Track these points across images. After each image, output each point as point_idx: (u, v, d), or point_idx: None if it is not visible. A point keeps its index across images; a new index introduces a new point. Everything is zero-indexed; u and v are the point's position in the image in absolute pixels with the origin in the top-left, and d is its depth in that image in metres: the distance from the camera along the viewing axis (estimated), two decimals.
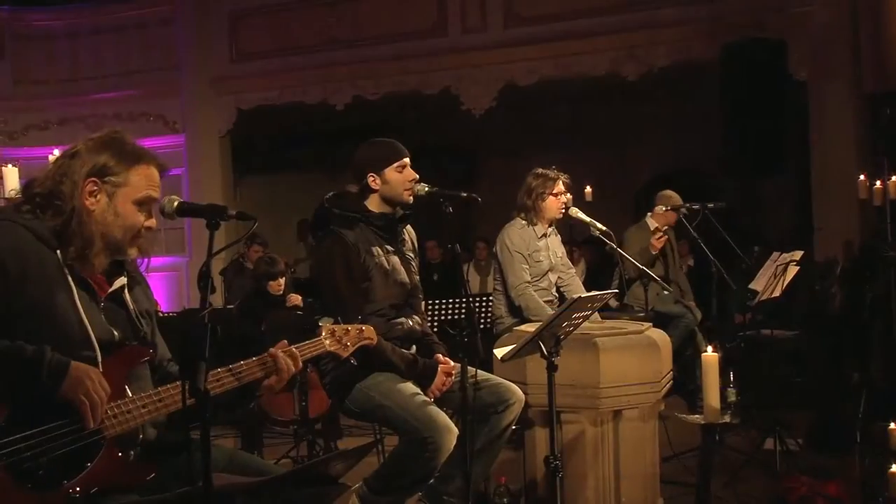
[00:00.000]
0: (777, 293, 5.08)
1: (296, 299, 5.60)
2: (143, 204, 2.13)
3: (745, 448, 4.78)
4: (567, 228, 6.74)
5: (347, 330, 2.47)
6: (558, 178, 4.67)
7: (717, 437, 4.37)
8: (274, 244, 8.36)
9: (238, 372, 2.15)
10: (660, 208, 5.99)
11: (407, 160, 3.23)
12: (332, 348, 2.42)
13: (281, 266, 5.64)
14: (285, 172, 11.60)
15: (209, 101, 9.61)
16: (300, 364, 2.26)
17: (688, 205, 5.59)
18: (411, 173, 3.22)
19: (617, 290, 5.48)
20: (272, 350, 2.22)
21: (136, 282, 2.24)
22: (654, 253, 5.88)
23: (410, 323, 3.26)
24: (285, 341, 2.29)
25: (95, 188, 2.09)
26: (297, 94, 9.35)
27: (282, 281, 5.57)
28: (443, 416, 2.99)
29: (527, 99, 9.33)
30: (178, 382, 2.00)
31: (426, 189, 3.18)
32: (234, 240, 5.12)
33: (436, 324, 5.50)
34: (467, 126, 9.62)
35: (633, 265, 5.10)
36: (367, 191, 3.23)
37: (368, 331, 2.54)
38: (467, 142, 11.48)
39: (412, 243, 3.43)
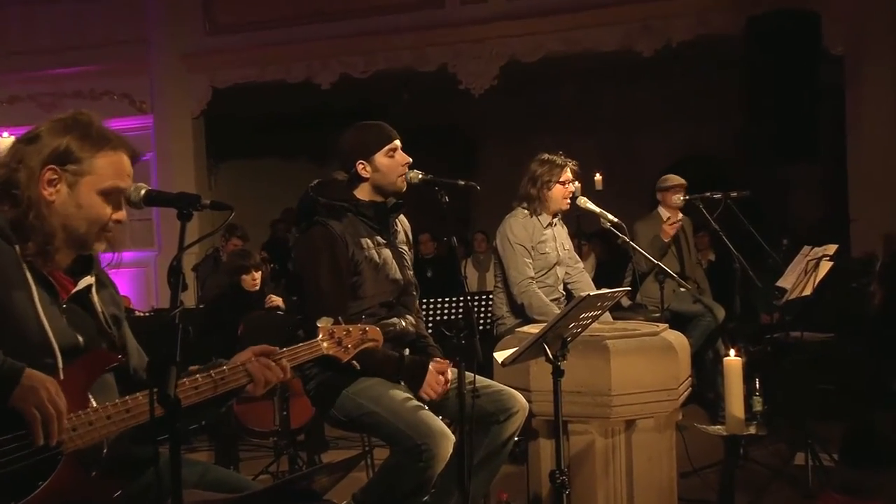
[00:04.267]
0: (808, 291, 5.09)
1: (276, 300, 5.60)
2: (111, 194, 2.10)
3: (773, 463, 4.79)
4: (574, 220, 6.75)
5: (348, 331, 2.45)
6: (566, 165, 4.67)
7: (741, 451, 4.39)
8: (254, 237, 8.37)
9: (219, 378, 2.12)
10: (675, 198, 5.99)
11: (397, 142, 3.23)
12: (330, 352, 2.40)
13: (255, 259, 5.65)
14: (265, 158, 11.61)
15: (180, 79, 9.60)
16: (288, 371, 2.24)
17: (708, 194, 5.60)
18: (403, 156, 3.23)
19: (629, 288, 5.50)
20: (250, 354, 2.20)
21: (103, 284, 2.22)
22: (665, 241, 5.91)
23: (404, 323, 3.25)
24: (275, 347, 2.27)
25: (55, 177, 2.06)
26: (279, 72, 9.35)
27: (256, 275, 5.57)
28: (438, 422, 3.00)
29: (531, 77, 9.34)
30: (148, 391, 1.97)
31: (420, 176, 3.18)
32: (208, 232, 5.11)
33: (430, 325, 5.51)
34: (465, 107, 9.63)
35: (647, 259, 5.12)
36: (357, 180, 3.24)
37: (373, 332, 2.53)
38: (465, 125, 11.50)
39: (406, 235, 3.44)
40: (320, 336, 2.38)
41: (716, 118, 9.70)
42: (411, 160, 3.23)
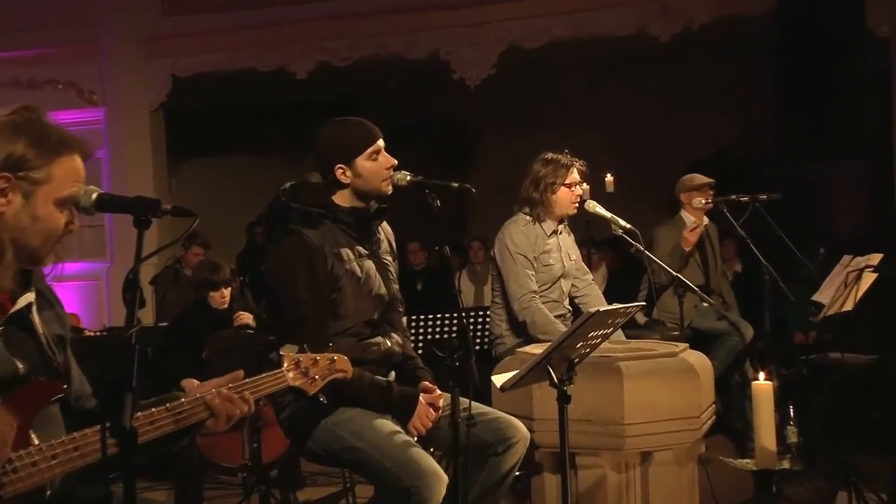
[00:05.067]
0: (849, 306, 5.10)
1: (245, 318, 5.61)
2: (66, 203, 2.10)
3: (811, 502, 4.80)
4: (583, 227, 6.79)
5: (315, 360, 2.48)
6: (572, 165, 4.70)
7: (773, 488, 4.40)
8: (222, 244, 8.37)
9: (178, 412, 2.12)
10: (697, 201, 6.02)
11: (381, 143, 3.25)
12: (296, 383, 2.42)
13: (225, 273, 5.66)
14: (234, 156, 11.63)
15: (137, 67, 9.59)
16: (252, 405, 2.26)
17: (734, 196, 5.63)
18: (388, 158, 3.24)
19: (644, 303, 5.52)
20: (208, 398, 2.18)
21: (47, 301, 2.21)
22: (687, 249, 5.94)
23: (389, 343, 3.28)
24: (241, 372, 2.28)
25: (6, 185, 2.05)
26: (249, 59, 9.36)
27: (226, 292, 5.59)
28: (429, 461, 3.00)
29: (533, 66, 9.38)
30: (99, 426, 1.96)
31: (408, 178, 3.20)
32: (169, 241, 5.11)
33: (420, 345, 5.54)
34: (460, 99, 9.66)
35: (666, 271, 5.14)
36: (336, 184, 3.25)
37: (341, 361, 2.55)
38: (460, 119, 11.54)
39: (389, 244, 3.46)
40: (285, 366, 2.41)
41: (743, 111, 9.76)
42: (396, 162, 3.24)
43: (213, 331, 5.36)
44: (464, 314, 3.24)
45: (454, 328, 5.70)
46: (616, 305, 3.07)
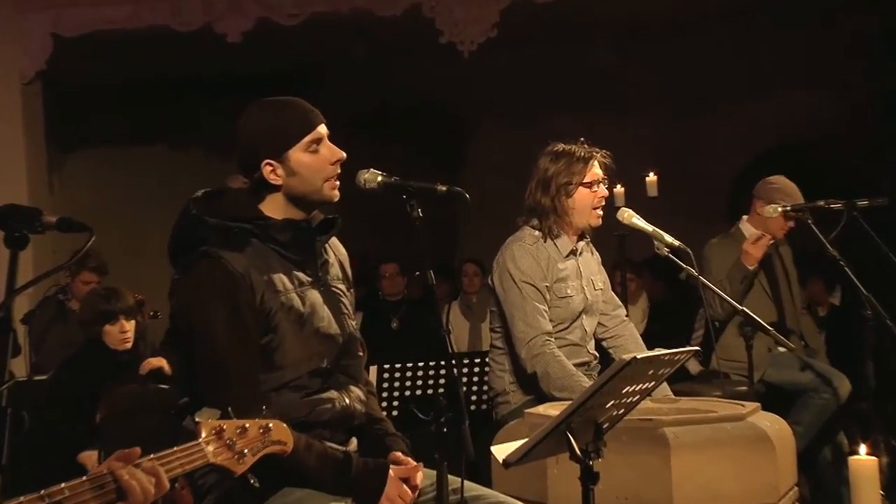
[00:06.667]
0: None
1: (156, 363, 5.60)
2: None
3: None
4: (615, 244, 6.79)
5: (243, 428, 2.48)
6: (591, 158, 4.73)
7: None
8: (118, 271, 8.33)
9: (55, 499, 2.11)
10: (770, 209, 6.04)
11: (322, 129, 3.25)
12: (218, 459, 2.43)
13: (126, 301, 5.65)
14: (140, 147, 11.59)
15: (5, 23, 9.58)
16: (166, 484, 2.26)
17: (821, 203, 5.65)
18: (333, 150, 3.25)
19: (699, 348, 5.54)
20: (112, 463, 2.20)
21: None
22: (750, 268, 5.94)
23: (346, 400, 3.28)
24: (138, 449, 2.28)
25: None
26: (162, 15, 9.32)
27: (127, 325, 5.59)
28: None
29: (546, 28, 9.41)
30: None
31: (379, 179, 3.21)
32: (54, 266, 5.10)
33: (395, 404, 5.53)
34: (449, 73, 9.68)
35: (724, 301, 5.15)
36: (264, 188, 3.26)
37: (278, 430, 2.56)
38: (449, 99, 11.55)
39: (342, 267, 3.47)
40: (203, 436, 2.41)
41: (823, 89, 9.80)
42: (344, 155, 3.25)
43: (111, 383, 5.35)
44: (454, 362, 3.24)
45: (441, 381, 5.70)
46: (660, 350, 3.07)
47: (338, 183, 3.25)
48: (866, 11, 7.83)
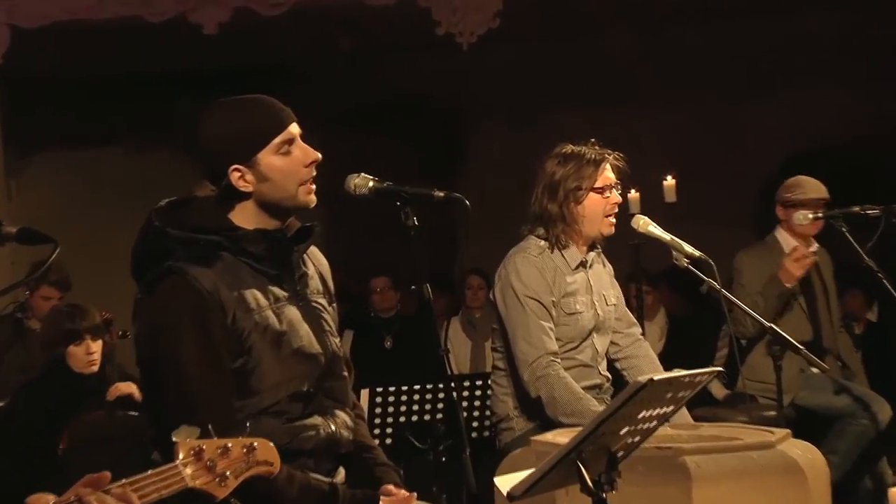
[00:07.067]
0: None
1: (125, 388, 5.59)
2: None
3: None
4: (629, 254, 6.79)
5: (226, 448, 2.48)
6: (603, 160, 4.74)
7: None
8: (82, 286, 8.32)
9: None
10: (801, 215, 6.03)
11: (294, 128, 3.25)
12: (197, 483, 2.41)
13: (93, 319, 5.65)
14: (107, 149, 11.61)
15: None
16: None
17: (857, 208, 5.65)
18: (307, 151, 3.25)
19: (723, 369, 5.52)
20: (79, 489, 2.21)
21: None
22: (788, 286, 5.92)
23: (332, 427, 3.28)
24: (107, 473, 2.27)
25: None
26: (132, 4, 9.35)
27: (94, 346, 5.59)
28: None
29: (556, 18, 9.42)
30: None
31: (370, 184, 3.23)
32: (12, 281, 5.10)
33: (388, 430, 5.50)
34: (447, 68, 9.70)
35: (754, 319, 5.14)
36: (233, 197, 3.25)
37: (264, 449, 2.55)
38: (447, 95, 11.57)
39: (322, 279, 3.48)
40: (181, 457, 2.40)
41: (867, 81, 9.81)
42: (320, 157, 3.24)
43: (76, 410, 5.34)
44: (454, 385, 3.23)
45: (439, 406, 5.67)
46: (679, 372, 3.07)
47: (314, 187, 3.25)
48: None
